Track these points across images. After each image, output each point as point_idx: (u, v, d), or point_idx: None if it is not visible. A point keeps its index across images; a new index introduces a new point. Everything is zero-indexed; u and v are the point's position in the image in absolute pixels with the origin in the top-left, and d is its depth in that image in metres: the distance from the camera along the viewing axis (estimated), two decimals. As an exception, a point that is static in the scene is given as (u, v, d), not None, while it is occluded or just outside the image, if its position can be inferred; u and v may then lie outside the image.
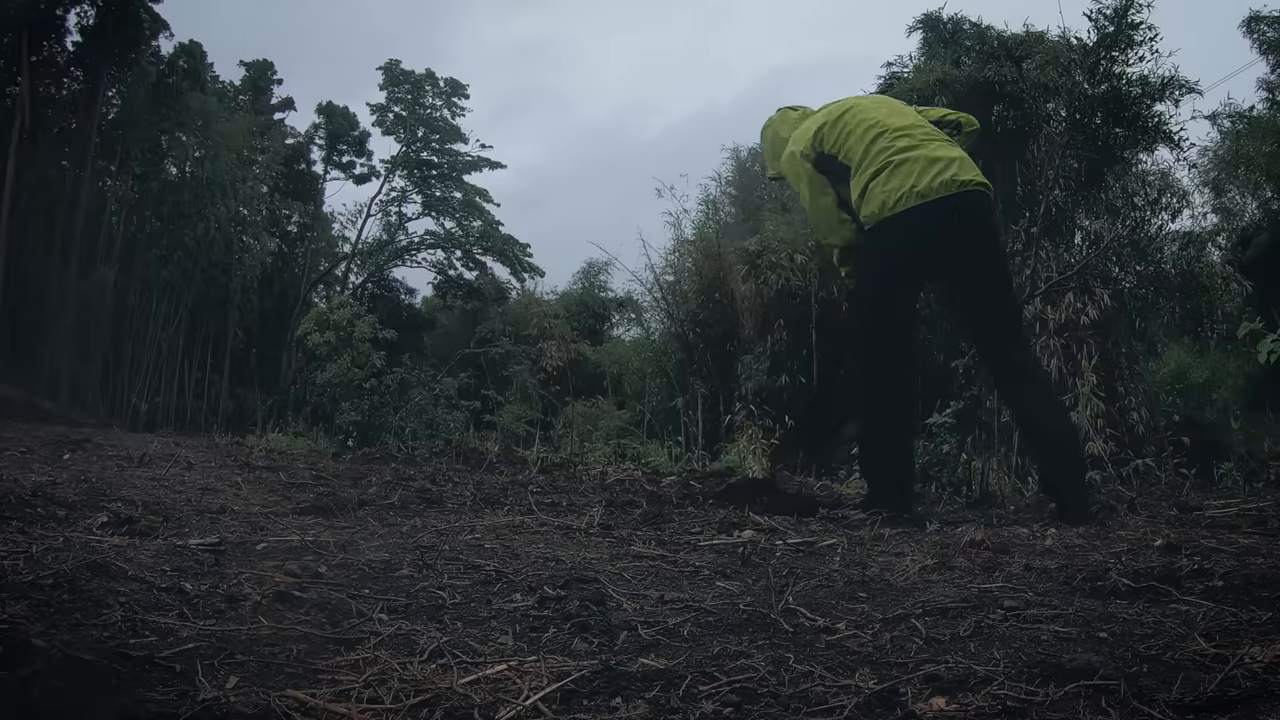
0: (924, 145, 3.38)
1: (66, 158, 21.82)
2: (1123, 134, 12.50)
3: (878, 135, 3.41)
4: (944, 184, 3.26)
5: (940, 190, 3.25)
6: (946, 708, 1.16)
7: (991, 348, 3.53)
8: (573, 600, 1.74)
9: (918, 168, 3.28)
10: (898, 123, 3.45)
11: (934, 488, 4.32)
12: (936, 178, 3.26)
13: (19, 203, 19.32)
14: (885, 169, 3.31)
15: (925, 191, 3.24)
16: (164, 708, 1.10)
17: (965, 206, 3.31)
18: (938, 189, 3.25)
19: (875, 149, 3.38)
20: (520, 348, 21.11)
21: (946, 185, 3.26)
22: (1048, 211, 11.57)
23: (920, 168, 3.28)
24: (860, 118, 3.50)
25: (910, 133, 3.41)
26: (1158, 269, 13.01)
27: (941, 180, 3.26)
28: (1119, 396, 10.84)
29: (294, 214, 30.99)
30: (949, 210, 3.26)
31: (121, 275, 22.20)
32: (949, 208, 3.26)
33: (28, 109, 19.25)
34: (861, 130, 3.45)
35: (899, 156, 3.32)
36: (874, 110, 3.56)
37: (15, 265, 19.21)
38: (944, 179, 3.26)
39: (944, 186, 3.26)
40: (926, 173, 3.27)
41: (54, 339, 19.70)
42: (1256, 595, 1.74)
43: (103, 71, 21.32)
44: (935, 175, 3.27)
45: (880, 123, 3.45)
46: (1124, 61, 11.89)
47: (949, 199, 3.26)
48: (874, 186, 3.31)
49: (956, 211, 3.28)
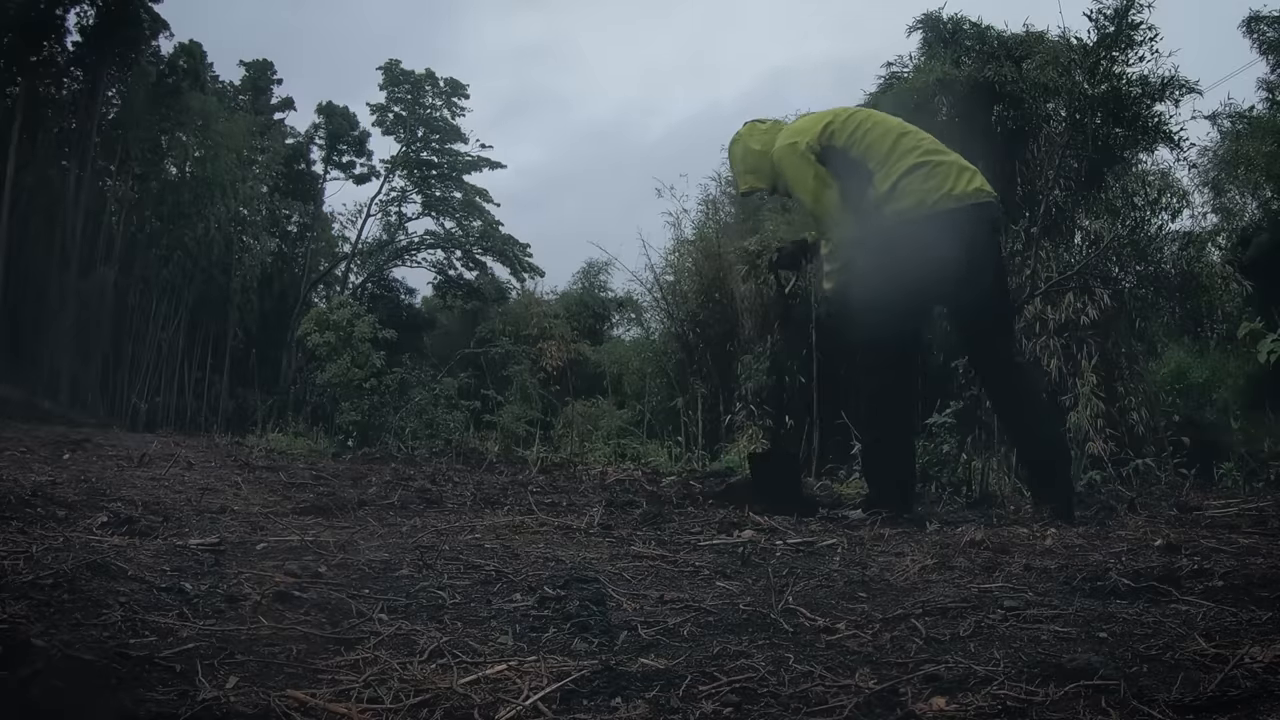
0: (949, 153, 3.47)
1: (66, 158, 21.81)
2: (1123, 134, 12.50)
3: (903, 134, 3.47)
4: (978, 191, 3.36)
5: (974, 197, 3.35)
6: (946, 708, 1.16)
7: (986, 360, 3.56)
8: (573, 600, 1.73)
9: (954, 172, 3.37)
10: (914, 129, 3.54)
11: (934, 488, 4.32)
12: (970, 184, 3.36)
13: (19, 203, 19.33)
14: (923, 167, 3.36)
15: (962, 196, 3.33)
16: (164, 708, 1.10)
17: (994, 217, 3.47)
18: (972, 195, 3.34)
19: (904, 146, 3.42)
20: (520, 348, 21.10)
21: (979, 193, 3.37)
22: (1048, 211, 11.56)
23: (955, 172, 3.37)
24: (877, 119, 3.57)
25: (931, 139, 3.51)
26: (1158, 269, 13.01)
27: (974, 188, 3.37)
28: (1119, 396, 10.84)
29: (294, 214, 31.00)
30: (984, 217, 3.37)
31: (121, 275, 22.20)
32: (984, 215, 3.37)
33: (27, 109, 19.25)
34: (884, 129, 3.49)
35: (934, 158, 3.40)
36: (884, 116, 3.64)
37: (15, 265, 19.22)
38: (977, 186, 3.37)
39: (977, 194, 3.36)
40: (961, 178, 3.36)
41: (54, 339, 19.70)
42: (1256, 595, 1.74)
43: (103, 71, 21.33)
44: (968, 182, 3.36)
45: (902, 124, 3.53)
46: (1124, 61, 11.89)
47: (983, 205, 3.37)
48: (909, 183, 3.35)
49: (992, 221, 3.44)
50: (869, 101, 15.77)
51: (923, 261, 3.34)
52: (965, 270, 3.33)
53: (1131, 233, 12.61)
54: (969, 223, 3.31)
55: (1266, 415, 7.58)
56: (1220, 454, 6.31)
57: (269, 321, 27.04)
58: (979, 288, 3.40)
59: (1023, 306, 8.67)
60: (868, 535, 2.74)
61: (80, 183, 20.86)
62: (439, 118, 31.85)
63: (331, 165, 31.83)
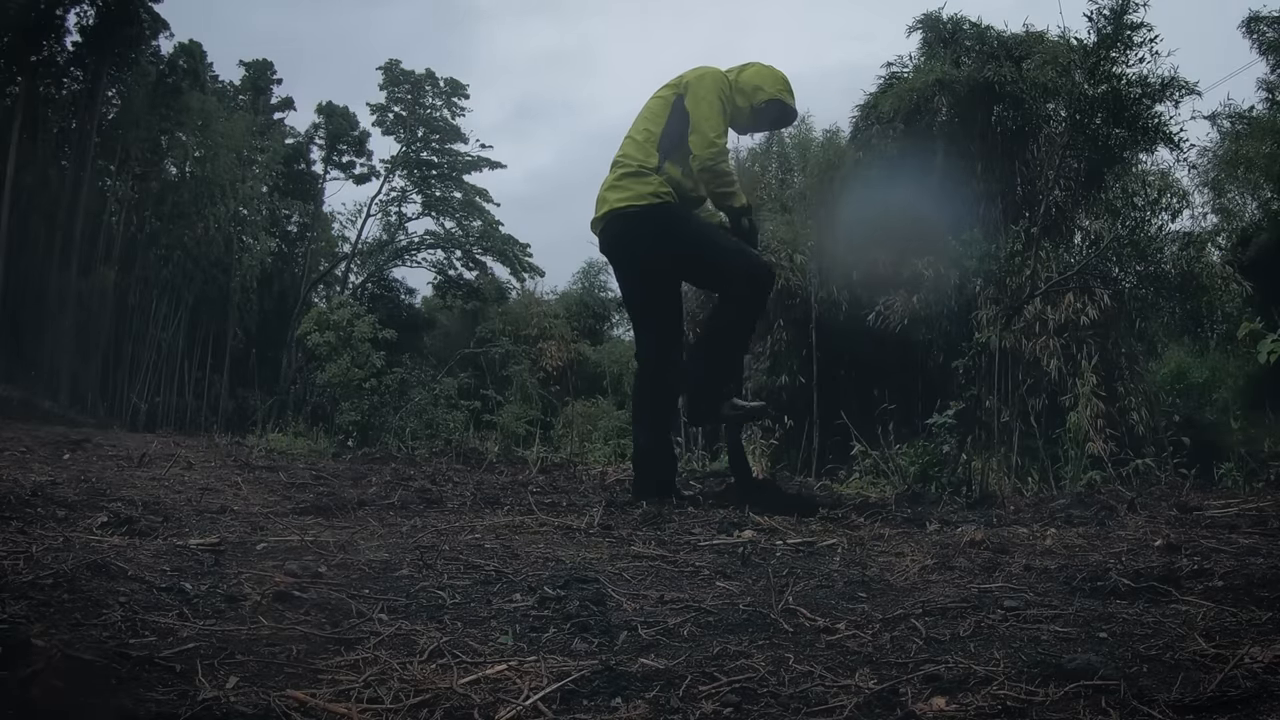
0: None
1: (66, 158, 21.83)
2: (1123, 134, 12.51)
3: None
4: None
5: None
6: (946, 708, 1.16)
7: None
8: (573, 600, 1.73)
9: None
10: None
11: (934, 488, 4.32)
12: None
13: (19, 203, 19.33)
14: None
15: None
16: (164, 708, 1.10)
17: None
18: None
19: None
20: (520, 348, 21.10)
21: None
22: (1048, 211, 11.57)
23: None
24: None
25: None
26: (1158, 269, 13.03)
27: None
28: (1119, 396, 10.85)
29: (294, 214, 31.02)
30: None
31: (121, 275, 22.22)
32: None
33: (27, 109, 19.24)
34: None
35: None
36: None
37: (15, 265, 19.22)
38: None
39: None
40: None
41: (54, 339, 19.71)
42: (1256, 595, 1.74)
43: (103, 71, 21.34)
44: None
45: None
46: (1123, 62, 11.90)
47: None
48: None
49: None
50: (868, 101, 15.80)
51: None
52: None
53: (1131, 233, 12.62)
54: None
55: (1266, 415, 7.57)
56: (1220, 454, 6.30)
57: (269, 321, 27.05)
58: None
59: (1022, 306, 8.67)
60: (868, 535, 2.74)
61: (80, 183, 20.86)
62: (439, 118, 31.87)
63: (331, 165, 31.90)
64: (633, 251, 3.67)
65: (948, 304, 12.50)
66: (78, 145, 21.47)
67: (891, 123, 14.53)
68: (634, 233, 3.59)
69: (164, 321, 23.46)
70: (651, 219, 3.54)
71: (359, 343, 11.02)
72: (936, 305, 12.71)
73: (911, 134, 14.13)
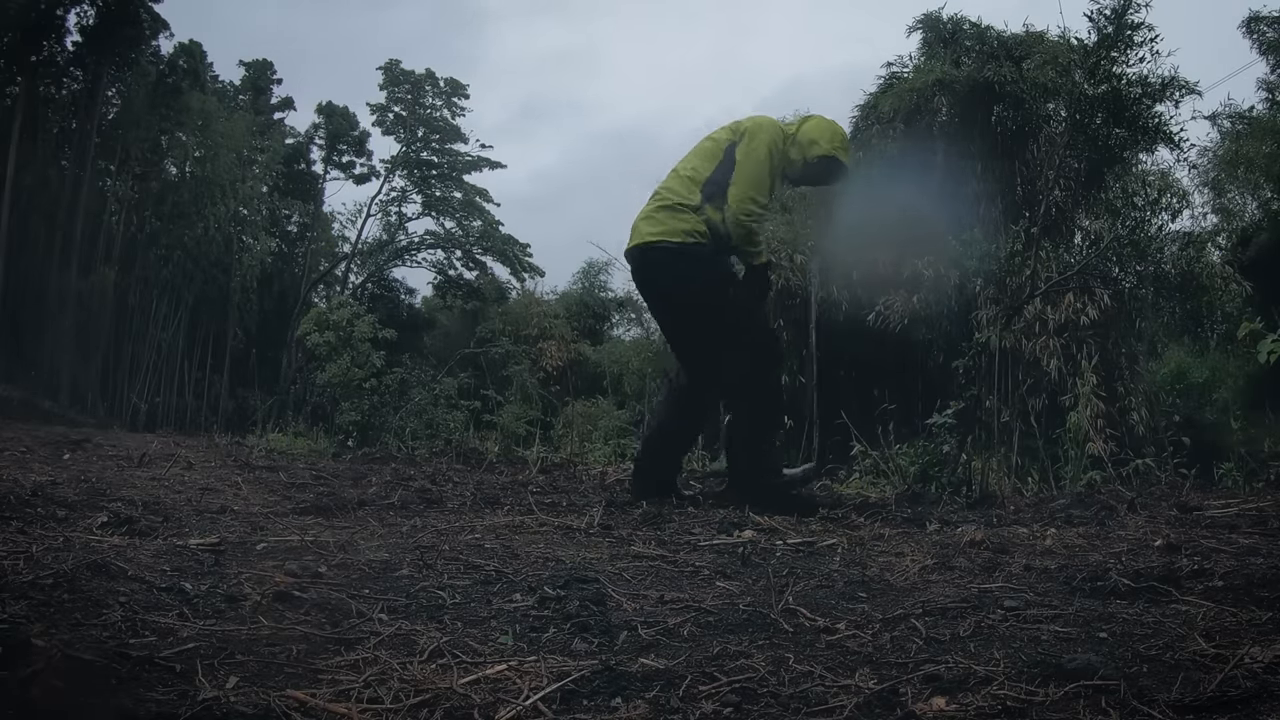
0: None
1: (66, 158, 21.83)
2: (1123, 134, 12.51)
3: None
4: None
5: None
6: (946, 708, 1.16)
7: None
8: (573, 600, 1.73)
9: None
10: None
11: (934, 488, 4.31)
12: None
13: (19, 203, 19.33)
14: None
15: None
16: (164, 708, 1.10)
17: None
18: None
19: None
20: (520, 348, 21.10)
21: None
22: (1048, 211, 11.57)
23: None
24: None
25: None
26: (1158, 269, 13.03)
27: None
28: (1119, 396, 10.84)
29: (294, 214, 31.02)
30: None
31: (121, 275, 22.21)
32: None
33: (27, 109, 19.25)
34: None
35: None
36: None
37: (15, 265, 19.22)
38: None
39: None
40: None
41: (54, 339, 19.70)
42: (1256, 595, 1.74)
43: (103, 71, 21.34)
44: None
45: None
46: (1124, 62, 11.90)
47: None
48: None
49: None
50: (868, 101, 15.80)
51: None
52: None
53: (1131, 233, 12.62)
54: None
55: (1266, 415, 7.57)
56: (1220, 454, 6.30)
57: (269, 321, 27.05)
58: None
59: (1022, 306, 8.66)
60: (868, 535, 2.74)
61: (80, 183, 20.87)
62: (439, 118, 31.86)
63: (331, 165, 31.88)
64: (659, 285, 3.72)
65: (948, 304, 12.50)
66: (78, 145, 21.47)
67: (891, 123, 14.53)
68: (661, 266, 3.62)
69: (164, 321, 23.47)
70: (681, 256, 3.56)
71: (359, 343, 11.03)
72: (936, 305, 12.71)
73: (911, 134, 14.13)
